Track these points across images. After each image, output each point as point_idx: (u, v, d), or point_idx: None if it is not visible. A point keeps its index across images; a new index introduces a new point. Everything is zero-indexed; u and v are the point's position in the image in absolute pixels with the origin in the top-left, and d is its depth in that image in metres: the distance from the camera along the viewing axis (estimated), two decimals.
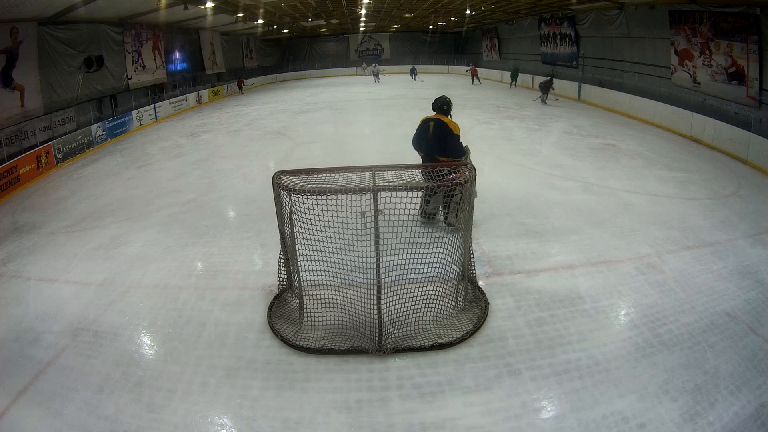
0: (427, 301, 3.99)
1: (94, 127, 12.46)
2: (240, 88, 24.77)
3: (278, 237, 4.36)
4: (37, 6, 10.13)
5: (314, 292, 4.00)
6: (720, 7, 10.14)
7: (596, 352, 3.66)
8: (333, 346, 3.75)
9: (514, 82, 21.40)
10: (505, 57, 25.41)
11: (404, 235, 3.84)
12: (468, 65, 27.26)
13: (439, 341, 3.77)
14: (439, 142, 5.32)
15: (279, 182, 3.82)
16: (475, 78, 24.15)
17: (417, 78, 26.67)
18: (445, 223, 5.24)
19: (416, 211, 3.84)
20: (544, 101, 16.33)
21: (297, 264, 3.98)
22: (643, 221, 5.98)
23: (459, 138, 5.38)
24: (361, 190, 3.60)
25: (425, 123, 5.47)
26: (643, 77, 13.73)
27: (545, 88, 16.30)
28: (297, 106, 18.22)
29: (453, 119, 5.52)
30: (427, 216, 5.39)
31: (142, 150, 11.87)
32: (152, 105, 16.15)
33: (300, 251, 3.92)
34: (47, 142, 10.56)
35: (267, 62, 31.08)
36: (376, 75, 27.15)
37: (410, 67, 28.45)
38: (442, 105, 5.52)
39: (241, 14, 18.40)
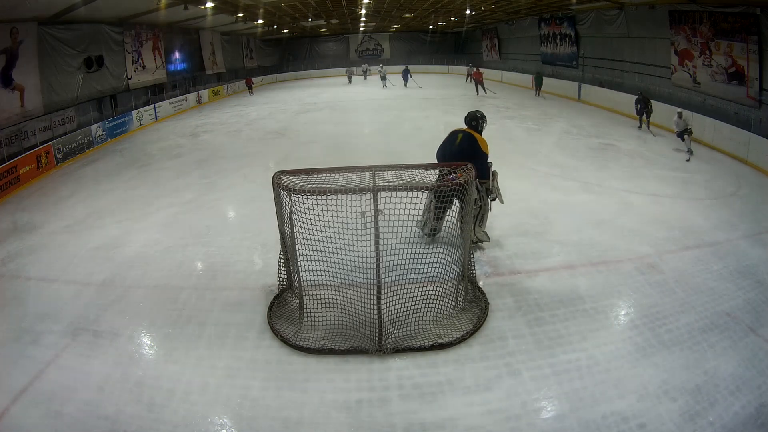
0: (427, 301, 3.99)
1: (94, 127, 12.45)
2: (249, 88, 23.91)
3: (278, 237, 4.36)
4: (37, 6, 10.12)
5: (314, 292, 4.01)
6: (720, 7, 10.14)
7: (596, 352, 3.66)
8: (333, 346, 3.75)
9: (538, 90, 18.45)
10: (505, 57, 25.36)
11: (404, 235, 3.84)
12: (467, 65, 23.99)
13: (439, 341, 3.77)
14: (464, 154, 4.99)
15: (279, 182, 3.82)
16: (480, 86, 19.08)
17: (410, 82, 22.76)
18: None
19: (417, 219, 3.76)
20: (644, 126, 11.57)
21: (297, 264, 3.99)
22: (643, 221, 5.98)
23: (487, 157, 5.15)
24: (361, 190, 3.60)
25: (454, 134, 5.27)
26: (643, 77, 13.73)
27: (644, 108, 11.47)
28: (297, 106, 18.21)
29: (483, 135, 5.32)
30: (429, 233, 5.01)
31: (142, 150, 11.87)
32: (152, 105, 16.15)
33: (300, 251, 3.92)
34: (47, 142, 10.56)
35: (267, 62, 31.06)
36: (383, 78, 23.45)
37: (403, 67, 24.63)
38: (471, 120, 5.33)
39: (241, 14, 18.39)
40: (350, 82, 26.17)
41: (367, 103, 18.42)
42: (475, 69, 20.56)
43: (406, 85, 22.77)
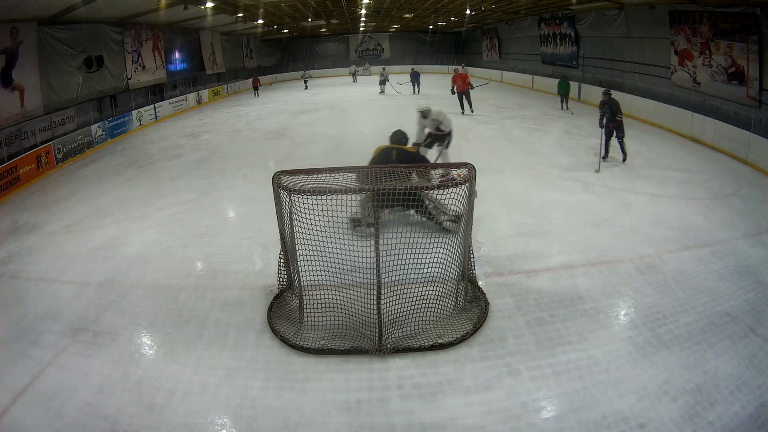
0: (427, 301, 3.99)
1: (94, 127, 12.45)
2: (255, 89, 22.70)
3: (278, 237, 4.36)
4: (37, 6, 10.12)
5: (314, 292, 4.00)
6: (720, 7, 10.14)
7: (596, 352, 3.66)
8: (333, 346, 3.75)
9: (565, 102, 14.46)
10: (505, 57, 25.37)
11: (404, 235, 3.84)
12: (461, 66, 20.62)
13: (439, 341, 3.77)
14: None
15: (279, 182, 3.82)
16: (466, 100, 13.94)
17: (419, 87, 19.90)
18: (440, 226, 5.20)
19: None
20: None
21: (297, 264, 3.99)
22: (643, 221, 5.98)
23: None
24: (361, 190, 3.60)
25: (387, 150, 5.54)
26: (643, 77, 13.73)
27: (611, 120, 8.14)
28: (297, 106, 18.21)
29: None
30: (356, 223, 5.07)
31: (142, 150, 11.87)
32: (152, 105, 16.15)
33: (300, 251, 3.92)
34: (47, 142, 10.56)
35: (267, 62, 31.08)
36: (382, 83, 20.43)
37: (410, 69, 21.61)
38: (402, 138, 5.80)
39: (241, 14, 18.40)
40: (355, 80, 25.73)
41: (367, 103, 18.40)
42: (458, 71, 14.46)
43: (416, 92, 19.63)
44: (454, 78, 13.94)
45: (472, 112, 14.10)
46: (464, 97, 13.94)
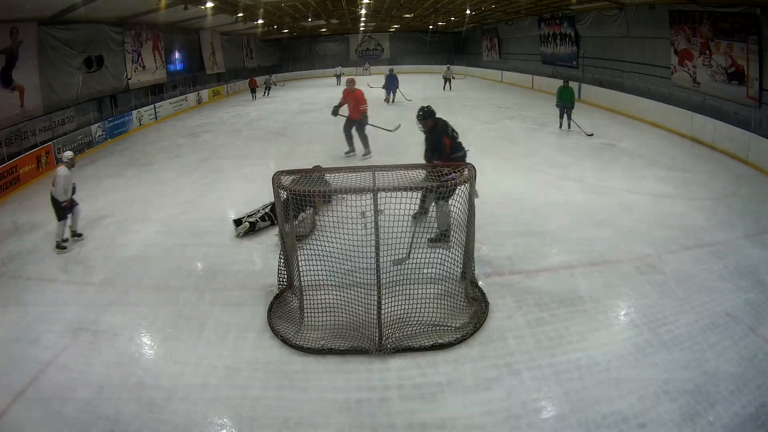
0: (427, 301, 3.99)
1: (94, 127, 12.44)
2: (253, 91, 21.27)
3: (278, 237, 4.36)
4: (37, 6, 10.12)
5: (314, 292, 4.01)
6: (720, 7, 10.14)
7: (596, 352, 3.66)
8: (333, 346, 3.75)
9: (566, 114, 11.20)
10: (505, 57, 25.38)
11: (405, 235, 3.84)
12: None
13: (439, 341, 3.77)
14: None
15: (279, 182, 3.82)
16: (357, 131, 8.95)
17: (394, 95, 16.38)
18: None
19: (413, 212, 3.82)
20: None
21: (297, 264, 3.99)
22: (643, 221, 5.98)
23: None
24: (361, 190, 3.61)
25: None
26: (643, 77, 13.73)
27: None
28: (297, 106, 18.21)
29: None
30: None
31: (142, 150, 11.87)
32: (152, 105, 16.15)
33: (300, 251, 3.92)
34: (47, 142, 10.55)
35: (267, 62, 31.08)
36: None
37: (389, 70, 18.02)
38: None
39: (241, 14, 18.41)
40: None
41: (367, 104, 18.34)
42: (351, 85, 9.07)
43: (391, 100, 16.39)
44: (345, 94, 8.85)
45: (369, 152, 9.05)
46: (354, 129, 8.90)
